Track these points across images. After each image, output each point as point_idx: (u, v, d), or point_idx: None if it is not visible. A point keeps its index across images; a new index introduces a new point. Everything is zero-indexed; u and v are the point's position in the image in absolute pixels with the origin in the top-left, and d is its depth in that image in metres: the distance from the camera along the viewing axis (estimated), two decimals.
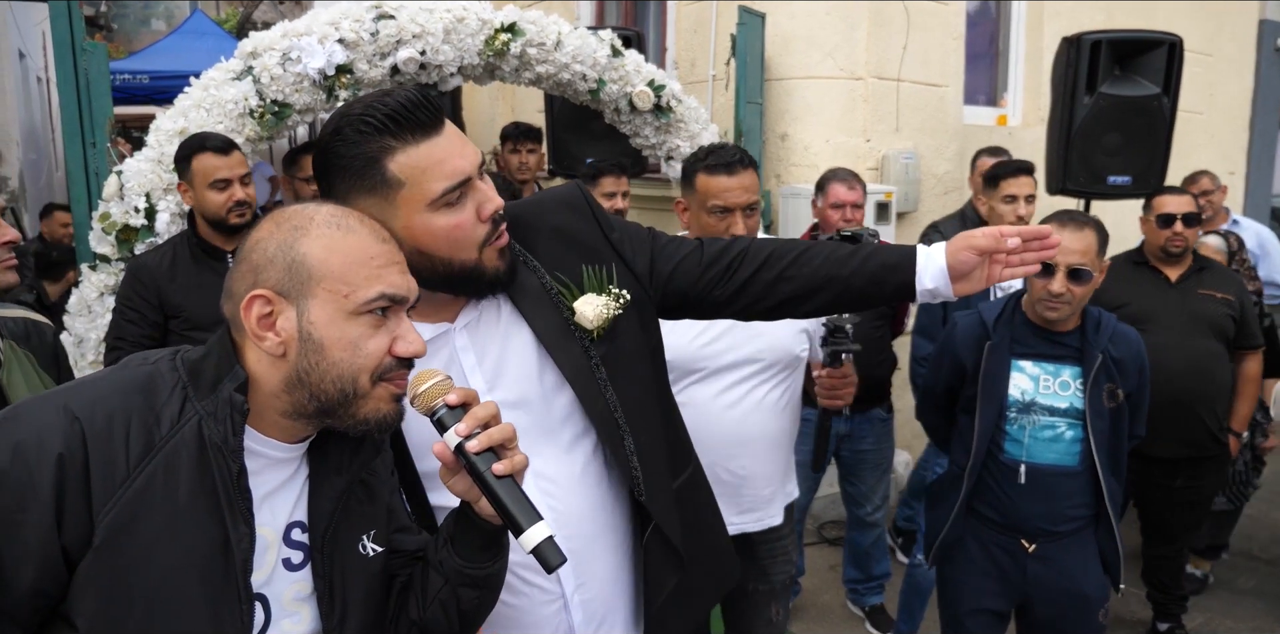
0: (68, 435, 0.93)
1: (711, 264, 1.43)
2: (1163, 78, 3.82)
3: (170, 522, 0.96)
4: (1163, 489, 3.23)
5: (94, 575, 0.94)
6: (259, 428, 1.05)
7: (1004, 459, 2.19)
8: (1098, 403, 2.17)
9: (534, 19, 3.23)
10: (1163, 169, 3.88)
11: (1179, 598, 3.44)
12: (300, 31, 2.91)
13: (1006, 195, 3.35)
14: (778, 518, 2.21)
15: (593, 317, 1.34)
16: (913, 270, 1.37)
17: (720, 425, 2.06)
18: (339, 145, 1.19)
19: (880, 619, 3.52)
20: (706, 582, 1.58)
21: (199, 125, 2.81)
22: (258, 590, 1.03)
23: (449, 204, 1.20)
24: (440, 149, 1.19)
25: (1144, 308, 3.12)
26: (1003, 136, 5.29)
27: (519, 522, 1.01)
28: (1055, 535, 2.20)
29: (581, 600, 1.39)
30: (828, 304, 1.43)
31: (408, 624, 1.17)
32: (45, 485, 0.92)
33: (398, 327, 1.04)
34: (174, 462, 0.97)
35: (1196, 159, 5.69)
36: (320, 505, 1.08)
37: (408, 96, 1.18)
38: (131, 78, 7.57)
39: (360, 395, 1.02)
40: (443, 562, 1.13)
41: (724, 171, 2.04)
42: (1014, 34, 5.66)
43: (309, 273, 1.01)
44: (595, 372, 1.35)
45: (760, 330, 2.06)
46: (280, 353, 1.01)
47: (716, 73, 4.82)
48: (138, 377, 1.01)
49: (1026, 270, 1.36)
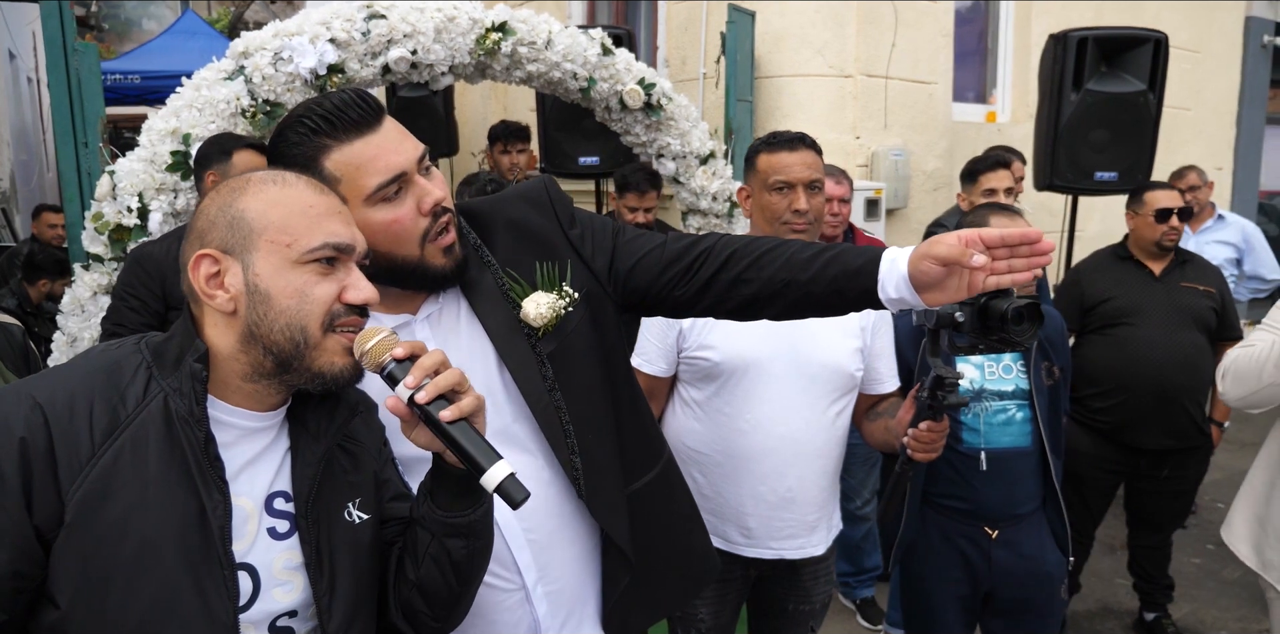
0: (29, 420, 0.96)
1: (672, 263, 1.37)
2: (1149, 74, 3.86)
3: (142, 495, 0.98)
4: (1150, 480, 3.27)
5: (70, 552, 0.97)
6: (226, 398, 1.06)
7: (963, 449, 2.22)
8: (1039, 381, 2.24)
9: (525, 18, 3.25)
10: (1149, 165, 3.92)
11: (1165, 588, 3.48)
12: (292, 31, 2.93)
13: (986, 189, 3.38)
14: (820, 547, 2.10)
15: (535, 315, 1.34)
16: (875, 276, 1.23)
17: (770, 439, 2.00)
18: (282, 146, 1.23)
19: (871, 611, 3.56)
20: (675, 580, 1.57)
21: (191, 125, 2.82)
22: (243, 560, 1.05)
23: (385, 199, 1.23)
24: (374, 146, 1.22)
25: (1130, 302, 3.16)
26: (991, 133, 5.33)
27: (479, 462, 1.02)
28: (1016, 518, 2.25)
29: (545, 593, 1.38)
30: (791, 308, 1.33)
31: (407, 586, 1.18)
32: (10, 469, 0.95)
33: (347, 276, 1.06)
34: (141, 437, 1.00)
35: (1183, 155, 5.73)
36: (302, 471, 1.10)
37: (342, 97, 1.22)
38: (122, 78, 7.56)
39: (311, 345, 1.03)
40: (425, 516, 1.14)
41: (785, 148, 2.02)
42: (1002, 31, 5.69)
43: (249, 227, 1.03)
44: (541, 369, 1.34)
45: (818, 344, 2.00)
46: (231, 310, 1.03)
47: (707, 70, 4.84)
48: (101, 361, 1.04)
49: (1016, 279, 1.18)
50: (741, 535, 2.06)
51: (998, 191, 3.36)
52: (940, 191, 4.99)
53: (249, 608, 1.05)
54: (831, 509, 2.15)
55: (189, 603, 0.99)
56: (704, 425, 2.04)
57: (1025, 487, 2.24)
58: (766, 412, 2.00)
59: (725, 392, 2.01)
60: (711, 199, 3.80)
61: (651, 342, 2.06)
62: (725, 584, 2.11)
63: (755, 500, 2.03)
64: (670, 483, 1.60)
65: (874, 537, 3.54)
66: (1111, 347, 3.15)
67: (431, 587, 1.16)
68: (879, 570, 3.59)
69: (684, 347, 2.03)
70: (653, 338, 2.06)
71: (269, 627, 1.08)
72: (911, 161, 4.82)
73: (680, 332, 2.03)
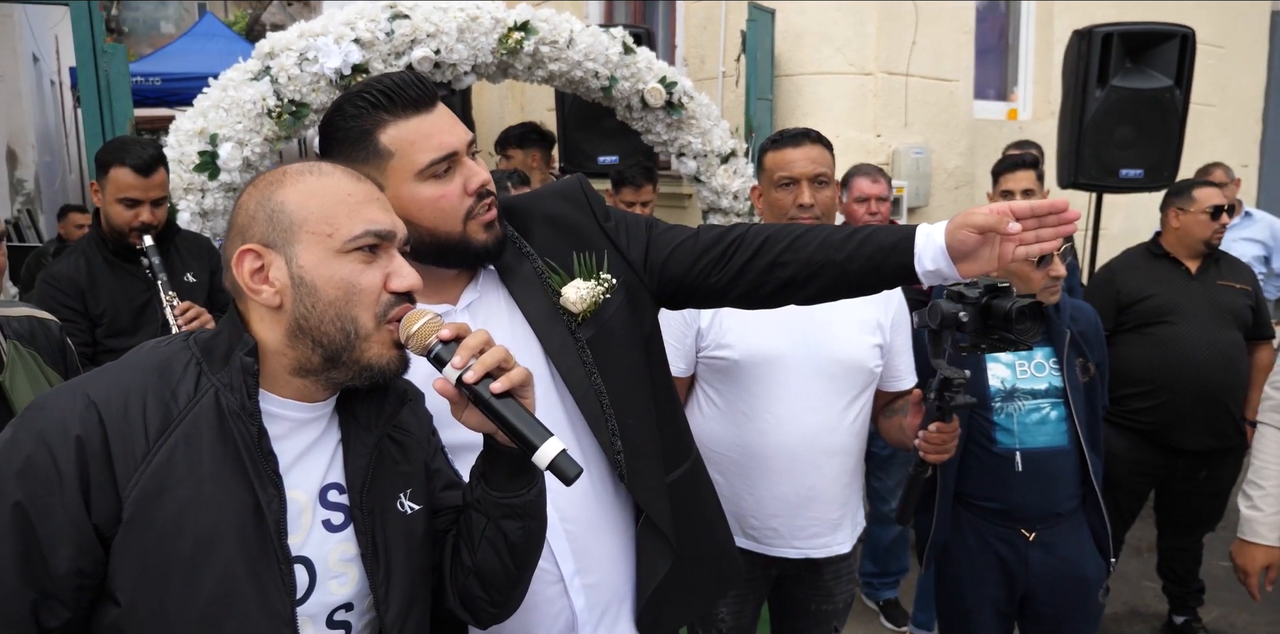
0: (84, 419, 0.97)
1: (706, 251, 1.41)
2: (1175, 70, 3.82)
3: (197, 491, 0.98)
4: (1186, 481, 3.22)
5: (129, 550, 0.97)
6: (276, 391, 1.06)
7: (997, 450, 2.19)
8: (1074, 379, 2.20)
9: (546, 17, 3.25)
10: (1176, 162, 3.88)
11: (1196, 591, 3.43)
12: (317, 32, 2.95)
13: (1004, 191, 3.35)
14: (845, 546, 2.09)
15: (576, 299, 1.36)
16: (911, 252, 1.30)
17: (790, 437, 1.98)
18: (339, 119, 1.27)
19: (895, 613, 3.53)
20: (706, 579, 1.58)
21: (218, 125, 2.84)
22: (298, 553, 1.05)
23: (435, 176, 1.27)
24: (429, 124, 1.26)
25: (1169, 300, 3.12)
26: (1013, 131, 5.29)
27: (530, 439, 1.02)
28: (1054, 519, 2.21)
29: (583, 585, 1.38)
30: (827, 289, 1.38)
31: (464, 572, 1.17)
32: (69, 468, 0.95)
33: (390, 263, 1.06)
34: (194, 433, 1.00)
35: (1209, 152, 5.67)
36: (355, 462, 1.10)
37: (402, 77, 1.27)
38: (144, 80, 7.62)
39: (362, 336, 1.03)
40: (479, 499, 1.13)
41: (789, 144, 2.04)
42: (1024, 28, 5.65)
43: (290, 219, 1.03)
44: (581, 354, 1.36)
45: (837, 340, 2.00)
46: (277, 304, 1.03)
47: (726, 69, 4.83)
48: (152, 359, 1.05)
49: (1044, 248, 1.25)
50: (765, 535, 2.05)
51: (1014, 193, 3.33)
52: (961, 189, 4.96)
53: (306, 601, 1.05)
54: (854, 507, 2.13)
55: (248, 598, 0.99)
56: (723, 425, 2.03)
57: (1063, 487, 2.20)
58: (786, 410, 1.99)
59: (744, 390, 2.00)
60: (732, 198, 3.79)
61: (669, 341, 2.05)
62: (746, 584, 2.10)
63: (777, 500, 2.01)
64: (699, 479, 1.61)
65: (904, 539, 3.51)
66: (1151, 346, 3.11)
67: (489, 571, 1.16)
68: (905, 573, 3.57)
69: (702, 346, 2.03)
70: (670, 338, 2.04)
71: (326, 621, 1.08)
72: (932, 159, 4.79)
73: (698, 330, 2.02)
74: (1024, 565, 2.22)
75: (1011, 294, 1.68)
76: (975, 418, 2.20)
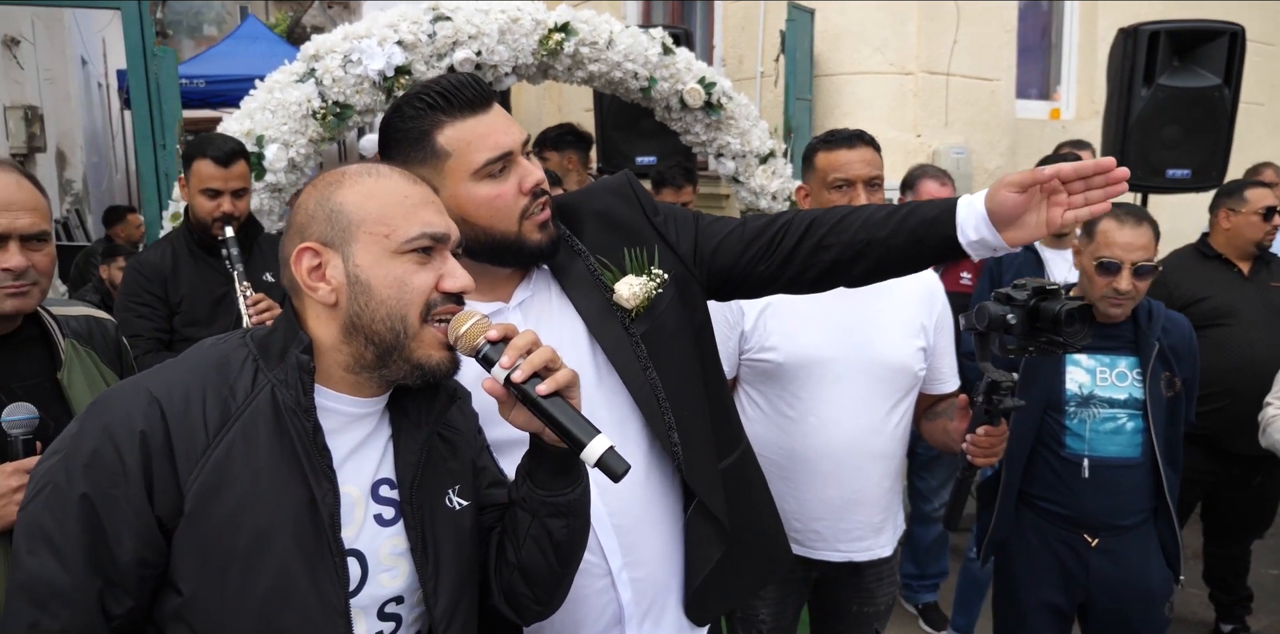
0: (148, 414, 1.00)
1: (754, 240, 1.43)
2: (1224, 68, 3.75)
3: (254, 485, 1.01)
4: (1238, 487, 3.15)
5: (189, 541, 1.00)
6: (330, 386, 1.08)
7: (1065, 454, 2.16)
8: (1157, 392, 2.14)
9: (586, 18, 3.26)
10: (1224, 162, 3.80)
11: (1244, 599, 3.37)
12: (360, 34, 2.98)
13: None
14: (887, 549, 2.09)
15: (629, 295, 1.38)
16: (953, 223, 1.29)
17: (834, 441, 1.98)
18: (397, 120, 1.30)
19: (934, 616, 3.50)
20: (753, 566, 1.58)
21: (264, 127, 2.89)
22: (351, 547, 1.07)
23: (491, 175, 1.29)
24: (485, 125, 1.29)
25: (1225, 302, 3.06)
26: (1056, 130, 5.22)
27: (578, 437, 1.03)
28: (1118, 529, 2.17)
29: (631, 578, 1.39)
30: (873, 268, 1.39)
31: (508, 569, 1.19)
32: (133, 462, 0.99)
33: (443, 265, 1.08)
34: (251, 428, 1.03)
35: (1258, 152, 5.54)
36: (405, 458, 1.12)
37: (459, 78, 1.29)
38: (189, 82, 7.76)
39: (410, 335, 1.05)
40: (525, 497, 1.15)
41: (844, 146, 2.03)
42: (1067, 26, 5.57)
43: (348, 219, 1.05)
44: (636, 349, 1.38)
45: (882, 343, 1.99)
46: (333, 301, 1.05)
47: (765, 69, 4.82)
48: (211, 356, 1.08)
49: (1094, 210, 1.21)
50: (808, 538, 2.04)
51: None
52: None
53: (358, 593, 1.08)
54: (896, 509, 2.13)
55: (304, 590, 1.02)
56: (766, 428, 2.03)
57: (1131, 499, 2.15)
58: (830, 413, 1.98)
59: (788, 393, 2.00)
60: (771, 198, 3.78)
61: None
62: (786, 585, 2.10)
63: (821, 503, 2.01)
64: (749, 465, 1.63)
65: (944, 540, 3.49)
66: (1210, 349, 3.02)
67: (534, 568, 1.18)
68: (944, 576, 3.54)
69: (745, 348, 2.02)
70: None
71: (378, 613, 1.11)
72: (973, 160, 4.74)
73: (742, 333, 2.02)
74: (1085, 570, 2.18)
75: (1060, 296, 1.66)
76: (1047, 420, 2.18)
